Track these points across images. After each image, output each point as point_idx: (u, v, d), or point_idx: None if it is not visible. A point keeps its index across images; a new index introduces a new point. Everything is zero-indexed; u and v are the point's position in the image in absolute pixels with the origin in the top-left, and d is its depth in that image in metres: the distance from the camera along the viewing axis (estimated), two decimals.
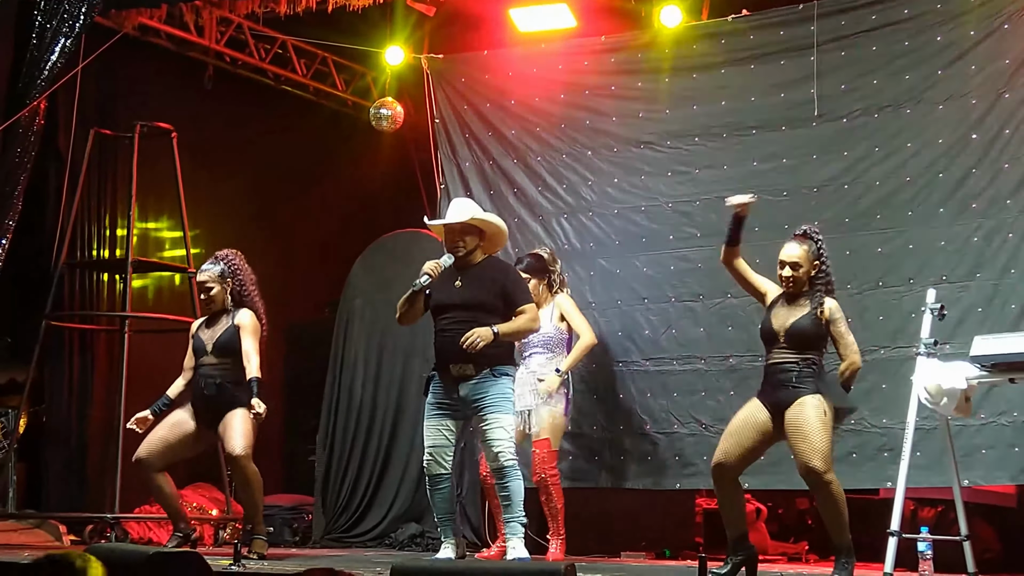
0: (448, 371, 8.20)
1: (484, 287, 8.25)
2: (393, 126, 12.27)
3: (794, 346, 7.64)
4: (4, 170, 10.84)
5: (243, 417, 8.82)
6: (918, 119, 9.35)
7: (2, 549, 9.53)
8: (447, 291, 8.29)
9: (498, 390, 8.13)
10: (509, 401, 8.19)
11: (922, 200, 9.26)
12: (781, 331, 7.67)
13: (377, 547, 10.93)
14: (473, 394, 8.12)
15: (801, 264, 7.71)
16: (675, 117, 10.25)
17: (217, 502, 11.58)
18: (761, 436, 7.74)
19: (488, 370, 8.12)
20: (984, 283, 8.98)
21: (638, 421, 10.00)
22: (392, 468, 11.41)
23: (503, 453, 8.05)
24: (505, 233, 8.62)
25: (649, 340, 10.01)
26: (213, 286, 9.08)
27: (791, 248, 7.77)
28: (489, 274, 8.34)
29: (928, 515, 10.27)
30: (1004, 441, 8.81)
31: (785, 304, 7.76)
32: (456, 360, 8.13)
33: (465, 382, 8.14)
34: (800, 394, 7.54)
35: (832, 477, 7.45)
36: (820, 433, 7.43)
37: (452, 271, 8.36)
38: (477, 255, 8.40)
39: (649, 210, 10.20)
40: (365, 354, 11.70)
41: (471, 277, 8.32)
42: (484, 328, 8.02)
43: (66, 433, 11.68)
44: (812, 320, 7.62)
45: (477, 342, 7.93)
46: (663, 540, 10.80)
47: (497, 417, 8.09)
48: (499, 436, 8.07)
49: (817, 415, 7.47)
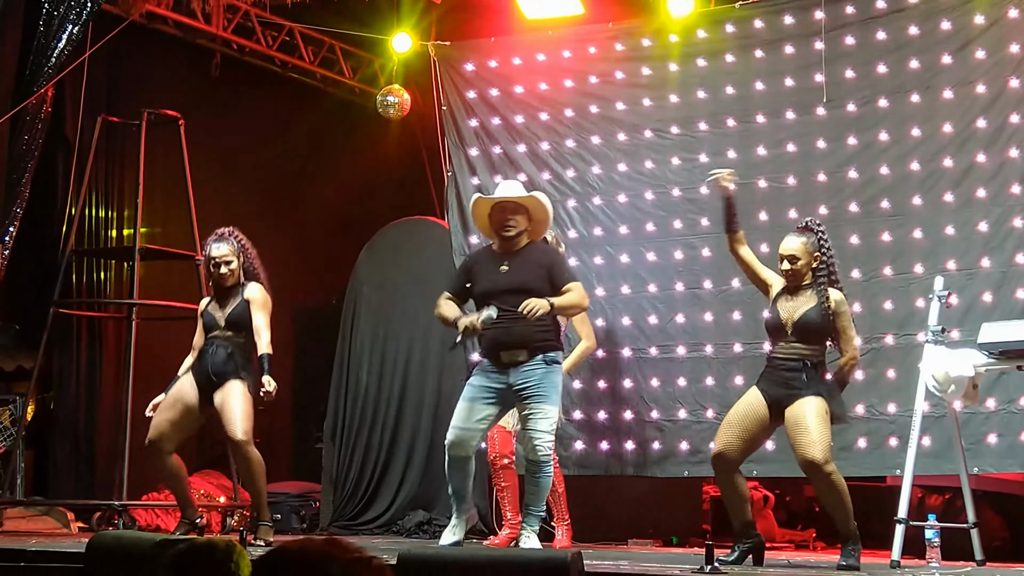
0: (498, 358, 8.04)
1: (531, 271, 8.09)
2: (400, 113, 12.25)
3: (801, 339, 7.63)
4: (12, 158, 10.84)
5: (241, 395, 8.75)
6: (925, 106, 9.33)
7: (10, 536, 9.55)
8: (493, 277, 8.14)
9: (548, 379, 7.97)
10: (557, 392, 8.07)
11: (929, 187, 9.24)
12: (788, 323, 7.65)
13: (384, 534, 10.94)
14: (522, 381, 7.94)
15: (799, 257, 7.69)
16: (682, 104, 10.24)
17: (224, 489, 11.59)
18: (761, 427, 7.74)
19: (540, 356, 7.96)
20: (992, 270, 8.96)
21: (644, 408, 10.00)
22: (398, 455, 11.42)
23: (541, 447, 7.90)
24: (550, 220, 8.47)
25: (655, 327, 10.01)
26: (232, 260, 9.00)
27: (790, 241, 7.76)
28: (535, 258, 8.19)
29: (936, 503, 10.26)
30: (1014, 429, 8.79)
31: (790, 296, 7.74)
32: (507, 346, 7.98)
33: (516, 368, 7.98)
34: (804, 393, 7.53)
35: (832, 468, 7.44)
36: (819, 426, 7.42)
37: (496, 256, 8.23)
38: (523, 239, 8.25)
39: (656, 196, 10.19)
40: (371, 341, 11.71)
41: (518, 262, 8.15)
42: (541, 299, 7.84)
43: (74, 420, 11.69)
44: (820, 312, 7.61)
45: (536, 310, 7.74)
46: (670, 527, 10.81)
47: (543, 408, 7.93)
48: (542, 428, 7.92)
49: (816, 410, 7.46)
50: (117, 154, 11.94)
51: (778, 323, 7.71)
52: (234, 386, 8.79)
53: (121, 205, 11.97)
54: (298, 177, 13.73)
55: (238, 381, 8.79)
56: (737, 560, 7.73)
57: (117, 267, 11.91)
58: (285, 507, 11.62)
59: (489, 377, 8.08)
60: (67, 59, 10.90)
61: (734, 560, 7.70)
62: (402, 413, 11.48)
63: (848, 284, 8.52)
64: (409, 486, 11.31)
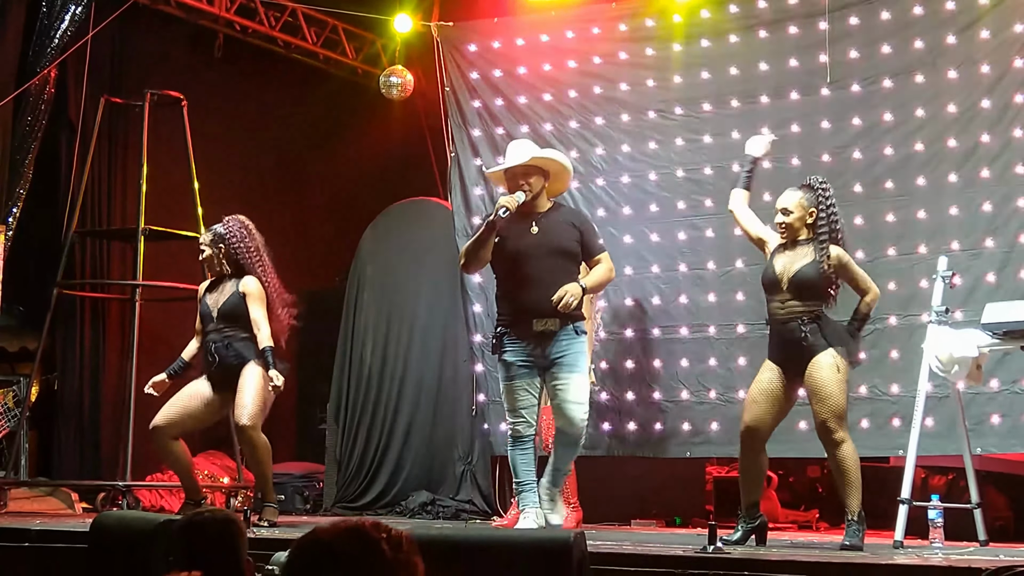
0: (529, 326, 7.82)
1: (563, 233, 7.92)
2: (403, 94, 12.23)
3: (797, 295, 7.61)
4: (15, 138, 10.85)
5: (256, 379, 8.75)
6: (929, 86, 9.31)
7: (14, 516, 9.57)
8: (522, 238, 7.90)
9: (578, 348, 7.82)
10: (587, 360, 7.95)
11: (933, 168, 9.23)
12: (784, 277, 7.64)
13: (388, 514, 10.95)
14: (554, 351, 7.76)
15: (792, 211, 7.70)
16: (685, 84, 10.22)
17: (228, 470, 11.61)
18: (786, 399, 7.79)
19: (571, 325, 7.80)
20: (995, 250, 8.94)
21: (647, 389, 9.99)
22: (402, 436, 11.43)
23: (576, 420, 7.77)
24: (570, 171, 8.31)
25: (658, 308, 9.99)
26: (205, 249, 9.07)
27: (786, 195, 7.80)
28: (566, 219, 8.02)
29: (939, 483, 10.28)
30: (1017, 409, 8.78)
31: (786, 252, 7.74)
32: (540, 314, 7.76)
33: (547, 337, 7.79)
34: (814, 352, 7.54)
35: (845, 436, 7.47)
36: (836, 394, 7.46)
37: (522, 217, 7.93)
38: (544, 199, 8.06)
39: (660, 178, 10.17)
40: (375, 322, 11.71)
41: (547, 222, 7.96)
42: (573, 284, 7.66)
43: (78, 401, 11.71)
44: (817, 269, 7.59)
45: (571, 301, 7.61)
46: (674, 508, 10.83)
47: (575, 378, 7.77)
48: (580, 399, 7.78)
49: (832, 375, 7.47)
50: (120, 135, 11.95)
51: (773, 277, 7.70)
52: (251, 370, 8.80)
53: (124, 186, 11.96)
54: (301, 158, 13.73)
55: (253, 363, 8.81)
56: (740, 540, 7.75)
57: (121, 248, 11.91)
58: (289, 488, 11.64)
59: (521, 350, 7.87)
60: (70, 40, 10.91)
61: (737, 540, 7.73)
62: (405, 393, 11.49)
63: None
64: (412, 466, 11.32)
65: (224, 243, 9.02)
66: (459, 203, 10.86)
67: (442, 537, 5.93)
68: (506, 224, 7.85)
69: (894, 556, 6.95)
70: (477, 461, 10.84)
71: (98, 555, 6.32)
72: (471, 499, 10.80)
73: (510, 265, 7.92)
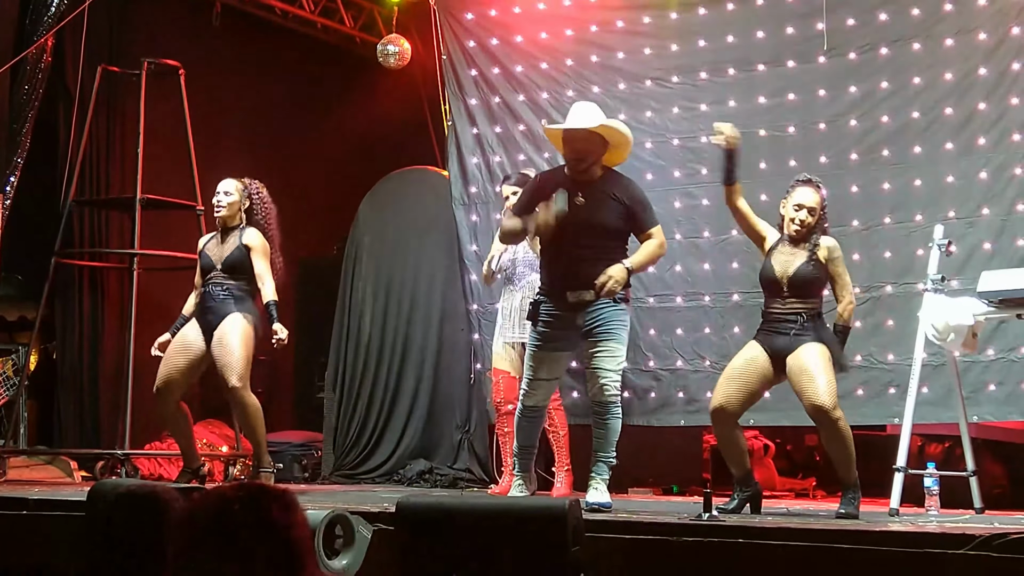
0: (563, 297, 7.67)
1: (609, 206, 7.67)
2: (400, 63, 12.22)
3: (797, 294, 7.62)
4: (12, 108, 10.84)
5: (240, 333, 8.75)
6: (926, 54, 9.29)
7: (13, 485, 9.60)
8: (567, 207, 7.52)
9: (617, 317, 7.61)
10: (626, 329, 7.71)
11: (930, 136, 9.22)
12: (784, 278, 7.64)
13: (386, 483, 10.97)
14: (590, 321, 7.58)
15: (816, 210, 7.67)
16: (682, 52, 10.20)
17: (227, 439, 11.63)
18: (762, 380, 7.75)
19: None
20: (992, 218, 8.94)
21: (642, 358, 10.00)
22: (400, 405, 11.44)
23: (608, 387, 7.60)
24: (631, 142, 8.03)
25: (654, 276, 9.97)
26: (233, 193, 9.02)
27: (809, 193, 7.69)
28: (613, 192, 7.72)
29: (935, 451, 10.27)
30: (1014, 377, 8.80)
31: (786, 250, 7.74)
32: (575, 286, 7.59)
33: (581, 310, 7.62)
34: (804, 341, 7.56)
35: (839, 414, 7.47)
36: (825, 371, 7.45)
37: (570, 184, 7.66)
38: (597, 168, 7.78)
39: (655, 146, 10.15)
40: (373, 291, 11.72)
41: (593, 194, 7.68)
42: (617, 268, 7.47)
43: (77, 370, 11.73)
44: (812, 266, 7.61)
45: (615, 287, 7.45)
46: (670, 476, 10.84)
47: (612, 346, 7.59)
48: (610, 367, 7.59)
49: (821, 356, 7.48)
50: (118, 104, 11.94)
51: (773, 277, 7.70)
52: (233, 321, 8.80)
53: (122, 155, 11.96)
54: (299, 127, 13.71)
55: (238, 314, 8.80)
56: (735, 508, 7.77)
57: (119, 217, 11.91)
58: (287, 456, 11.65)
59: (556, 323, 7.72)
60: (67, 8, 10.89)
61: (732, 508, 7.75)
62: (404, 362, 11.49)
63: (848, 233, 8.55)
64: (411, 435, 11.33)
65: (250, 199, 9.03)
66: (456, 172, 10.86)
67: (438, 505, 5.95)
68: (552, 190, 7.58)
69: (889, 524, 6.98)
70: (475, 430, 10.87)
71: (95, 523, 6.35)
72: (468, 467, 10.84)
73: (552, 235, 7.65)
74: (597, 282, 7.46)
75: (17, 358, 10.98)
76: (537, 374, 7.82)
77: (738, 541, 6.22)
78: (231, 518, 2.79)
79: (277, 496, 2.85)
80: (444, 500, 6.57)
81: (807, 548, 6.05)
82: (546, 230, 7.55)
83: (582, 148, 7.75)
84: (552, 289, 7.78)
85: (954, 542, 5.78)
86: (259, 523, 2.79)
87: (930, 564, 5.77)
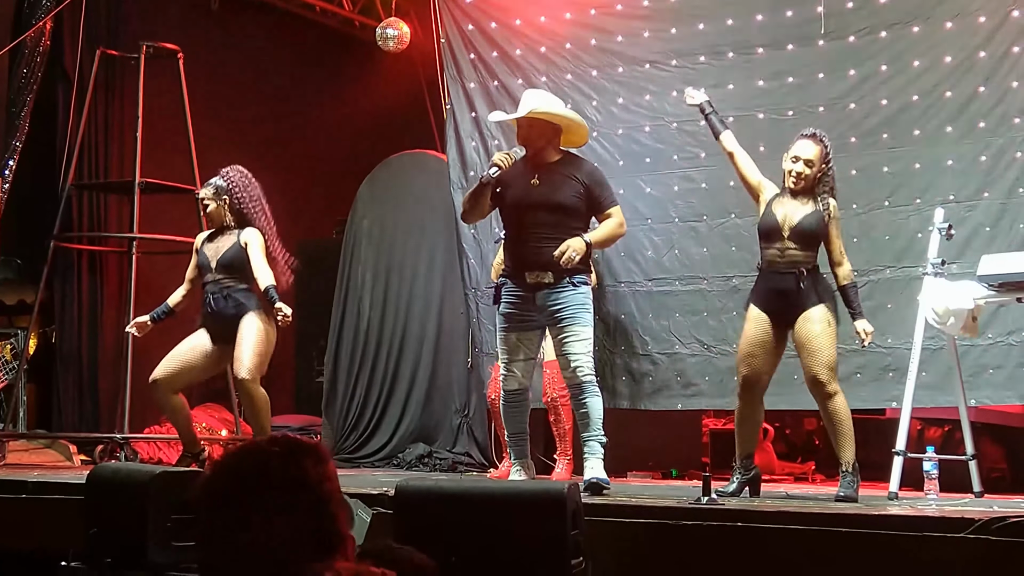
0: (523, 278, 7.82)
1: (565, 186, 7.82)
2: (400, 46, 12.21)
3: (797, 242, 7.63)
4: (11, 91, 10.84)
5: (254, 331, 8.76)
6: (925, 37, 9.25)
7: (13, 468, 9.61)
8: (524, 189, 7.84)
9: (578, 300, 7.74)
10: (589, 312, 7.83)
11: (929, 119, 9.19)
12: (785, 224, 7.64)
13: (385, 467, 10.98)
14: (551, 303, 7.73)
15: (814, 163, 7.69)
16: (681, 36, 10.15)
17: (226, 422, 11.64)
18: (777, 349, 7.80)
19: (567, 278, 7.73)
20: (992, 202, 8.91)
21: (640, 341, 9.98)
22: (399, 388, 11.44)
23: (581, 368, 7.73)
24: (582, 126, 8.27)
25: (652, 260, 9.96)
26: (209, 203, 9.05)
27: (806, 145, 7.75)
28: (570, 172, 7.90)
29: (935, 435, 10.28)
30: (1012, 361, 8.78)
31: (785, 201, 7.74)
32: (534, 267, 7.76)
33: (541, 291, 7.77)
34: (806, 305, 7.56)
35: (837, 388, 7.50)
36: (827, 347, 7.50)
37: (527, 168, 7.91)
38: (552, 151, 7.99)
39: (654, 129, 10.12)
40: (373, 274, 11.71)
41: (550, 175, 7.87)
42: (576, 240, 7.62)
43: (76, 354, 11.74)
44: (819, 219, 7.62)
45: (573, 256, 7.56)
46: (670, 460, 10.85)
47: (577, 330, 7.71)
48: (578, 350, 7.71)
49: (824, 328, 7.51)
50: (117, 88, 11.94)
51: (774, 224, 7.69)
52: (250, 321, 8.80)
53: (121, 139, 11.95)
54: (298, 110, 13.71)
55: (252, 313, 8.80)
56: (735, 492, 7.78)
57: (118, 201, 11.90)
58: None
59: (519, 304, 7.87)
60: None
61: (732, 492, 7.76)
62: (403, 346, 11.50)
63: (847, 216, 8.51)
64: (410, 419, 11.34)
65: (228, 195, 9.02)
66: (454, 156, 10.83)
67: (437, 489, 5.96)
68: (510, 175, 7.83)
69: (888, 507, 6.99)
70: (474, 414, 10.87)
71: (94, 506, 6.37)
72: (468, 451, 10.85)
73: (511, 216, 7.95)
74: (556, 252, 7.57)
75: (16, 342, 10.98)
76: (512, 356, 7.94)
77: (737, 524, 6.24)
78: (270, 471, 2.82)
79: (309, 449, 2.89)
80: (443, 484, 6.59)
81: (806, 531, 6.07)
82: (506, 164, 7.76)
83: (526, 134, 7.98)
84: (514, 271, 7.92)
85: (953, 526, 5.79)
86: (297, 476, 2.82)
87: (929, 547, 5.78)
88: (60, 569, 6.22)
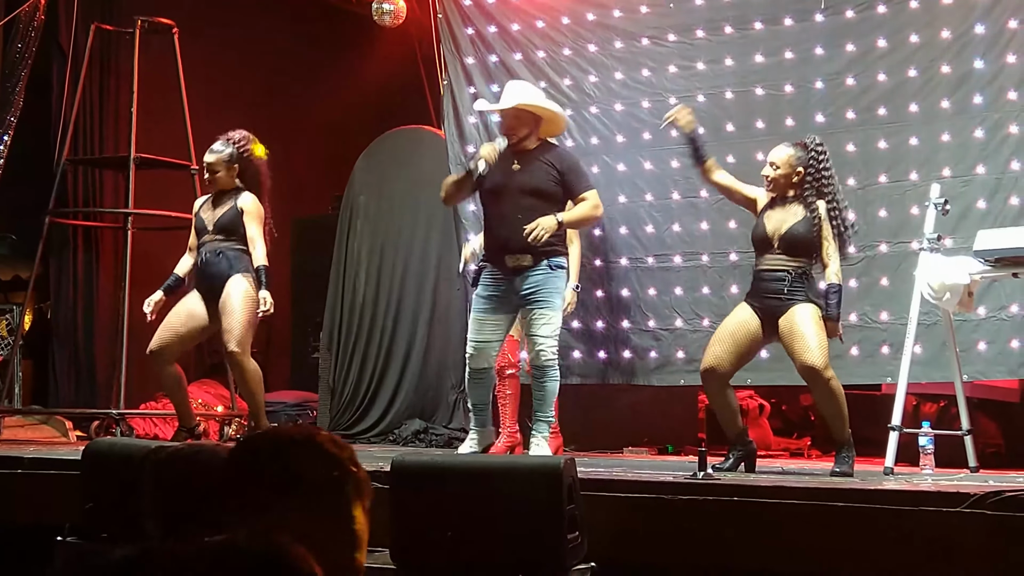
0: (503, 261, 8.06)
1: (542, 172, 8.10)
2: (396, 21, 12.15)
3: (787, 252, 7.66)
4: (5, 66, 10.80)
5: (240, 297, 8.75)
6: (923, 12, 9.23)
7: (8, 444, 9.60)
8: (504, 174, 8.12)
9: (553, 284, 8.01)
10: (560, 297, 8.10)
11: (926, 94, 9.18)
12: (775, 236, 7.69)
13: (381, 443, 10.97)
14: (527, 286, 7.98)
15: (779, 166, 7.77)
16: (679, 10, 10.13)
17: (222, 398, 11.64)
18: (753, 341, 7.83)
19: (545, 261, 7.97)
20: (986, 177, 8.91)
21: (641, 317, 10.00)
22: (395, 364, 11.43)
23: (545, 352, 7.98)
24: (560, 115, 8.51)
25: (652, 236, 9.97)
26: (219, 170, 9.02)
27: (778, 148, 7.90)
28: (548, 159, 8.17)
29: (930, 410, 10.29)
30: (1004, 336, 8.80)
31: (776, 209, 7.78)
32: (513, 250, 7.99)
33: (520, 273, 8.01)
34: (794, 303, 7.59)
35: (831, 373, 7.51)
36: (816, 332, 7.51)
37: (509, 154, 8.20)
38: (532, 139, 8.25)
39: (652, 105, 10.11)
40: (368, 250, 11.69)
41: (529, 161, 8.15)
42: (548, 217, 7.88)
43: (72, 330, 11.74)
44: (808, 225, 7.65)
45: (542, 234, 7.79)
46: (666, 436, 10.85)
47: (547, 313, 7.97)
48: (545, 334, 7.98)
49: (811, 315, 7.53)
50: (112, 63, 11.91)
51: (764, 235, 7.75)
52: (236, 285, 8.79)
53: (116, 114, 11.92)
54: (294, 85, 13.67)
55: (239, 276, 8.80)
56: (730, 467, 7.81)
57: (113, 176, 11.88)
58: (282, 416, 11.66)
59: (496, 285, 8.10)
60: None
61: (727, 467, 7.79)
62: (399, 322, 11.49)
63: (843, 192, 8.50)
64: (405, 395, 11.33)
65: (239, 162, 9.01)
66: (452, 132, 10.81)
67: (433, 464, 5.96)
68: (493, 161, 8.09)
69: (883, 482, 6.99)
70: None
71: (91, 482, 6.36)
72: (464, 427, 10.82)
73: (491, 200, 8.22)
74: (526, 229, 7.80)
75: (11, 318, 10.98)
76: (479, 336, 8.16)
77: (732, 499, 6.24)
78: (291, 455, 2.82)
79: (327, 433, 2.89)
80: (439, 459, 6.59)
81: (801, 506, 6.07)
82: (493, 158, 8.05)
83: (509, 124, 8.24)
84: (493, 254, 8.15)
85: (949, 500, 5.80)
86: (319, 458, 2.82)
87: (925, 522, 5.79)
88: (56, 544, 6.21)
